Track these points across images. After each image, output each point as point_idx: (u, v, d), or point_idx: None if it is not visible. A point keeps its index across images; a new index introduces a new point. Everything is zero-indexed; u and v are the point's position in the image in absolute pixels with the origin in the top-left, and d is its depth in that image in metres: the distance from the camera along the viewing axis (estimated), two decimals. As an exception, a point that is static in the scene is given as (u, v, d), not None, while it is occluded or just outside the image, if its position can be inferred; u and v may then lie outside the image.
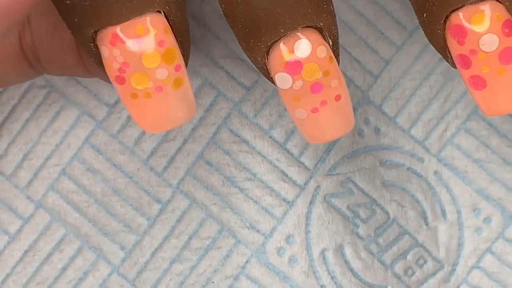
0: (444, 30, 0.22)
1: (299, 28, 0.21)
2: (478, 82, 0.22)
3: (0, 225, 0.27)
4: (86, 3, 0.20)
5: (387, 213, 0.27)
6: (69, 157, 0.28)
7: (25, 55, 0.24)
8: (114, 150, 0.28)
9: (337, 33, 0.22)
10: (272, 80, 0.22)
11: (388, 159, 0.27)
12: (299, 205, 0.27)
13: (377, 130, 0.27)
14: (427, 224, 0.27)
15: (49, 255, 0.27)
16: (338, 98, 0.22)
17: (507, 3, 0.21)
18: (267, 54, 0.21)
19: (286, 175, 0.27)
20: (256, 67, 0.22)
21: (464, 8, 0.21)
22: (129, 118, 0.28)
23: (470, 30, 0.21)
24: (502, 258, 0.27)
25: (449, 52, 0.22)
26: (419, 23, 0.22)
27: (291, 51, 0.21)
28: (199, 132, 0.27)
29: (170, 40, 0.21)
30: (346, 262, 0.27)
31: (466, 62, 0.22)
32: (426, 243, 0.27)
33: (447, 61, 0.22)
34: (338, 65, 0.22)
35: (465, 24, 0.21)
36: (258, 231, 0.27)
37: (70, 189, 0.27)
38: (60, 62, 0.24)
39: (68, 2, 0.21)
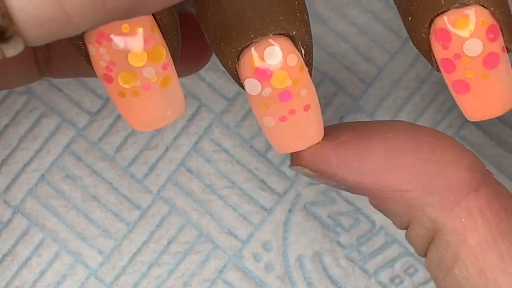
0: (429, 34, 0.22)
1: (271, 34, 0.21)
2: (462, 87, 0.22)
3: (-22, 230, 0.27)
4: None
5: (372, 221, 0.28)
6: (48, 163, 0.28)
7: (36, 55, 0.24)
8: (95, 157, 0.28)
9: (311, 43, 0.22)
10: (242, 86, 0.22)
11: None
12: (277, 212, 0.28)
13: None
14: None
15: (28, 259, 0.28)
16: (307, 108, 0.22)
17: (492, 8, 0.21)
18: (238, 59, 0.21)
19: (265, 184, 0.28)
20: (227, 71, 0.22)
21: (449, 12, 0.21)
22: (111, 126, 0.28)
23: (455, 35, 0.21)
24: None
25: (434, 56, 0.22)
26: (404, 26, 0.22)
27: (262, 57, 0.21)
28: (181, 140, 0.28)
29: (157, 38, 0.21)
30: (324, 269, 0.28)
31: (450, 66, 0.22)
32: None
33: (432, 65, 0.22)
34: (311, 75, 0.22)
35: (450, 28, 0.21)
36: (235, 236, 0.28)
37: (49, 194, 0.28)
38: (76, 60, 0.24)
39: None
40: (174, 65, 0.21)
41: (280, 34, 0.21)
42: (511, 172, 0.28)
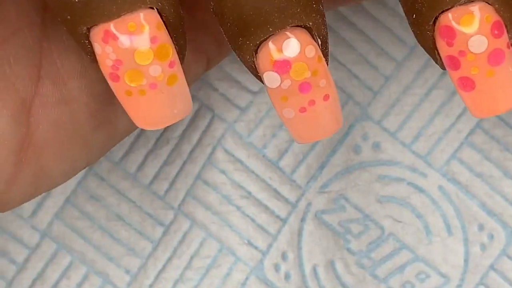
0: (433, 31, 0.22)
1: (288, 27, 0.21)
2: (467, 84, 0.22)
3: (7, 255, 0.28)
4: (77, 0, 0.20)
5: (381, 228, 0.28)
6: (73, 186, 0.28)
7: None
8: (117, 176, 0.28)
9: (327, 33, 0.22)
10: (260, 79, 0.22)
11: (386, 175, 0.28)
12: (291, 222, 0.28)
13: (375, 146, 0.28)
14: (429, 239, 0.28)
15: (57, 282, 0.28)
16: (326, 98, 0.22)
17: (496, 5, 0.21)
18: (256, 52, 0.21)
19: (279, 193, 0.28)
20: (245, 66, 0.22)
21: (454, 9, 0.21)
22: (132, 144, 0.28)
23: (459, 31, 0.21)
24: (504, 275, 0.28)
25: (438, 53, 0.22)
26: (409, 24, 0.22)
27: (280, 50, 0.21)
28: (196, 153, 0.28)
29: (163, 36, 0.21)
30: (337, 277, 0.28)
31: (455, 63, 0.22)
32: (428, 258, 0.28)
33: (436, 62, 0.22)
34: (327, 65, 0.22)
35: (454, 25, 0.21)
36: (256, 247, 0.28)
37: (74, 216, 0.28)
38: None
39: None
40: (181, 63, 0.22)
41: (297, 26, 0.21)
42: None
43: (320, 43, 0.22)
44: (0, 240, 0.28)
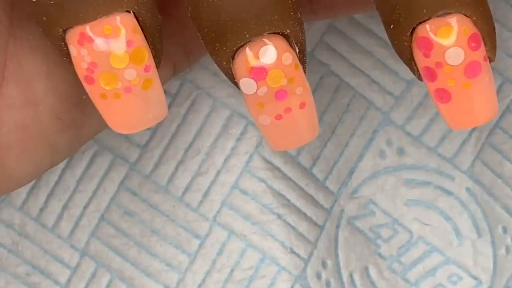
0: (411, 42, 0.22)
1: (265, 34, 0.21)
2: (443, 95, 0.22)
3: (50, 276, 0.27)
4: (52, 2, 0.20)
5: (410, 232, 0.28)
6: (106, 202, 0.28)
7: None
8: (149, 190, 0.28)
9: (304, 41, 0.22)
10: (237, 85, 0.22)
11: (412, 178, 0.28)
12: (328, 229, 0.28)
13: (400, 151, 0.28)
14: (459, 241, 0.28)
15: (97, 302, 0.28)
16: (302, 105, 0.22)
17: (474, 17, 0.22)
18: (233, 58, 0.21)
19: (316, 200, 0.28)
20: (222, 71, 0.22)
21: (431, 21, 0.21)
22: (161, 156, 0.28)
23: (436, 43, 0.21)
24: None
25: (415, 64, 0.22)
26: (387, 34, 0.22)
27: (257, 56, 0.21)
28: (232, 162, 0.28)
29: (139, 40, 0.21)
30: (372, 283, 0.28)
31: (432, 74, 0.22)
32: (459, 260, 0.28)
33: (414, 73, 0.23)
34: (305, 73, 0.22)
35: (432, 36, 0.21)
36: (298, 255, 0.28)
37: (110, 234, 0.28)
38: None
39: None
40: (157, 68, 0.21)
41: (275, 33, 0.21)
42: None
43: (297, 50, 0.22)
44: (42, 261, 0.28)
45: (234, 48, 0.21)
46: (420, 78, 0.23)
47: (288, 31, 0.21)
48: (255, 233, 0.28)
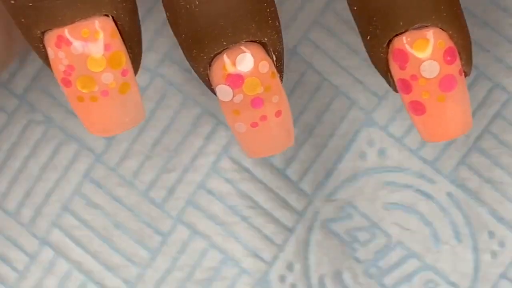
0: (387, 53, 0.22)
1: (243, 42, 0.21)
2: (418, 108, 0.22)
3: (8, 262, 0.27)
4: (30, 4, 0.21)
5: (388, 236, 0.27)
6: (69, 193, 0.28)
7: None
8: (114, 183, 0.28)
9: (282, 49, 0.22)
10: (214, 92, 0.22)
11: (393, 181, 0.28)
12: (298, 232, 0.28)
13: (381, 152, 0.28)
14: (438, 246, 0.27)
15: (54, 291, 0.27)
16: (278, 114, 0.22)
17: (450, 31, 0.22)
18: (210, 65, 0.22)
19: (287, 202, 0.28)
20: (199, 78, 0.22)
21: (408, 33, 0.22)
22: (127, 150, 0.28)
23: (412, 56, 0.22)
24: None
25: (391, 76, 0.22)
26: (364, 45, 0.22)
27: (234, 64, 0.21)
28: (200, 161, 0.28)
29: (117, 44, 0.21)
30: (345, 287, 0.27)
31: (407, 87, 0.22)
32: (437, 266, 0.27)
33: (390, 85, 0.23)
34: (281, 81, 0.22)
35: (408, 49, 0.22)
36: (261, 259, 0.27)
37: (72, 225, 0.27)
38: None
39: (13, 2, 0.21)
40: (135, 72, 0.22)
41: (252, 41, 0.21)
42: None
43: (274, 59, 0.22)
44: (1, 247, 0.28)
45: (212, 55, 0.21)
46: (395, 90, 0.23)
47: (265, 39, 0.22)
48: (219, 234, 0.27)
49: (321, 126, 0.28)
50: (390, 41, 0.22)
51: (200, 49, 0.21)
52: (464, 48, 0.22)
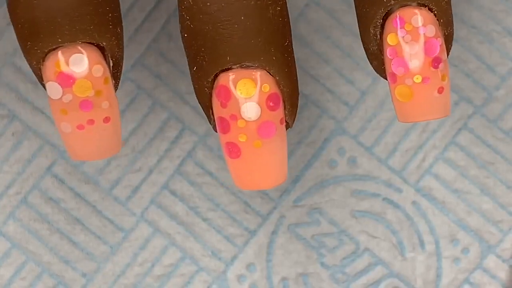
0: (211, 88, 0.21)
1: (79, 42, 0.21)
2: (233, 150, 0.21)
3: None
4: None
5: (356, 243, 0.28)
6: (30, 186, 0.27)
7: None
8: (78, 179, 0.27)
9: (122, 56, 0.22)
10: (44, 87, 0.22)
11: (362, 190, 0.28)
12: (260, 234, 0.28)
13: (351, 161, 0.28)
14: (403, 254, 0.28)
15: (10, 282, 0.27)
16: (107, 120, 0.22)
17: (278, 78, 0.21)
18: (43, 60, 0.21)
19: (249, 206, 0.28)
20: (32, 71, 0.22)
21: (234, 70, 0.21)
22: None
23: (235, 94, 0.21)
24: None
25: (213, 113, 0.22)
26: (190, 75, 0.22)
27: (67, 63, 0.21)
28: (165, 163, 0.28)
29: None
30: None
31: (225, 126, 0.21)
32: (402, 274, 0.28)
33: (210, 122, 0.22)
34: (116, 88, 0.22)
35: (231, 87, 0.21)
36: (219, 259, 0.28)
37: (31, 217, 0.27)
38: None
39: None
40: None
41: (90, 43, 0.21)
42: (494, 193, 0.28)
43: (112, 64, 0.22)
44: None
45: (46, 50, 0.21)
46: (215, 129, 0.22)
47: (104, 43, 0.21)
48: (179, 233, 0.28)
49: (289, 134, 0.27)
50: (216, 75, 0.21)
51: (35, 42, 0.21)
52: (290, 98, 0.21)
